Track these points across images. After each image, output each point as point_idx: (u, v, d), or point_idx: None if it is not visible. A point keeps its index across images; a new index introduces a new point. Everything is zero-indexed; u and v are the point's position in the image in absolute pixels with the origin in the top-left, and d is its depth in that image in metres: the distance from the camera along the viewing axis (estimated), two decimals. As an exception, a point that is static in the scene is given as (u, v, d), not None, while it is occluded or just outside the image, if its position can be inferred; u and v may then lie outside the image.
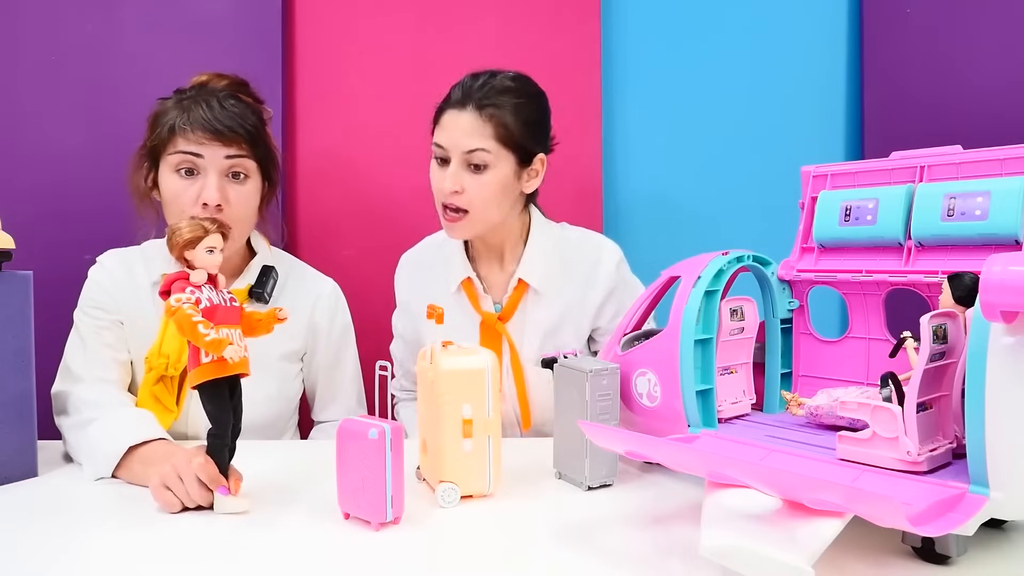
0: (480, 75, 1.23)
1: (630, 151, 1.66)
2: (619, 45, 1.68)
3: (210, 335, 0.79)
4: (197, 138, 1.13)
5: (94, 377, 1.14)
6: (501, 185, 1.21)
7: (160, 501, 0.87)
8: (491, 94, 1.20)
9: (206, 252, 0.82)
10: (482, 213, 1.22)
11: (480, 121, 1.19)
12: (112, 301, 1.19)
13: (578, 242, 1.35)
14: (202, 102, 1.15)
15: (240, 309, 0.86)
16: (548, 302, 1.30)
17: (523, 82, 1.25)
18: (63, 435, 1.09)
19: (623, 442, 0.79)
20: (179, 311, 0.79)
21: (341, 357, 1.34)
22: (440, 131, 1.22)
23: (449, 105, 1.22)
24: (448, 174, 1.20)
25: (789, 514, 0.64)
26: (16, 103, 1.52)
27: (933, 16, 1.50)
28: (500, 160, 1.20)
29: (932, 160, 0.87)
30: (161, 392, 1.15)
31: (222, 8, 1.56)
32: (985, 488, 0.64)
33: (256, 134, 1.19)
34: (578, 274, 1.31)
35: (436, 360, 0.88)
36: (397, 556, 0.75)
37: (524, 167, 1.24)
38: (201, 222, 0.83)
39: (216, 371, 0.82)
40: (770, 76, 1.66)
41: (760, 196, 1.63)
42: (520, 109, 1.21)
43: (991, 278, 0.62)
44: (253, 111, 1.21)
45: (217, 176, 1.15)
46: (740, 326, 0.96)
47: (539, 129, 1.25)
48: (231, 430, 0.86)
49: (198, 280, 0.83)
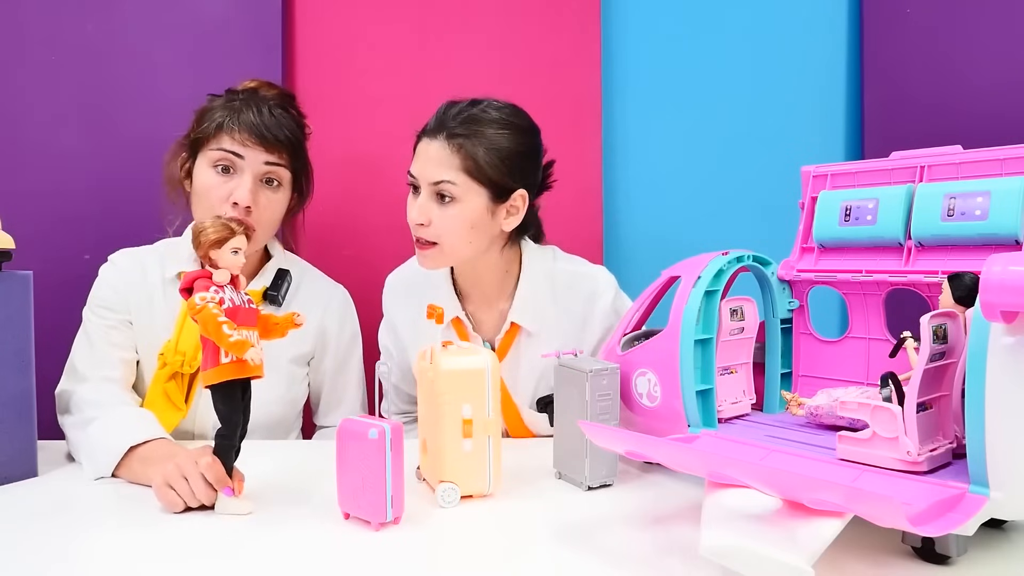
0: (458, 103, 1.17)
1: (630, 151, 1.66)
2: (619, 45, 1.68)
3: (234, 336, 0.79)
4: (242, 139, 1.16)
5: (99, 376, 1.14)
6: (469, 220, 1.15)
7: (163, 500, 0.87)
8: (465, 123, 1.13)
9: (231, 253, 0.83)
10: (451, 247, 1.17)
11: (448, 152, 1.13)
12: (122, 301, 1.19)
13: (570, 276, 1.28)
14: (253, 106, 1.18)
15: (257, 311, 0.86)
16: (543, 342, 1.24)
17: (509, 113, 1.17)
18: (66, 434, 1.10)
19: (623, 442, 0.79)
20: (204, 310, 0.79)
21: (348, 364, 1.35)
22: (415, 159, 1.18)
23: (424, 133, 1.17)
24: (416, 204, 1.16)
25: (789, 514, 0.64)
26: (16, 103, 1.52)
27: (933, 16, 1.50)
28: (469, 193, 1.14)
29: (932, 160, 0.87)
30: (172, 389, 1.15)
31: (222, 8, 1.56)
32: (985, 488, 0.64)
33: (298, 146, 1.23)
34: (573, 311, 1.26)
35: (436, 360, 0.88)
36: (397, 556, 0.75)
37: (500, 203, 1.17)
38: (228, 223, 0.84)
39: (235, 372, 0.82)
40: (770, 76, 1.66)
41: (760, 196, 1.63)
42: (496, 141, 1.14)
43: (991, 278, 0.62)
44: (298, 124, 1.24)
45: (252, 179, 1.17)
46: (740, 326, 0.96)
47: (521, 164, 1.17)
48: (240, 432, 0.86)
49: (222, 280, 0.83)
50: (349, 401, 1.36)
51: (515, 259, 1.28)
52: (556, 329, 1.26)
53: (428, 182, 1.15)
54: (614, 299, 1.27)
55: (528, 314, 1.25)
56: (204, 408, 1.19)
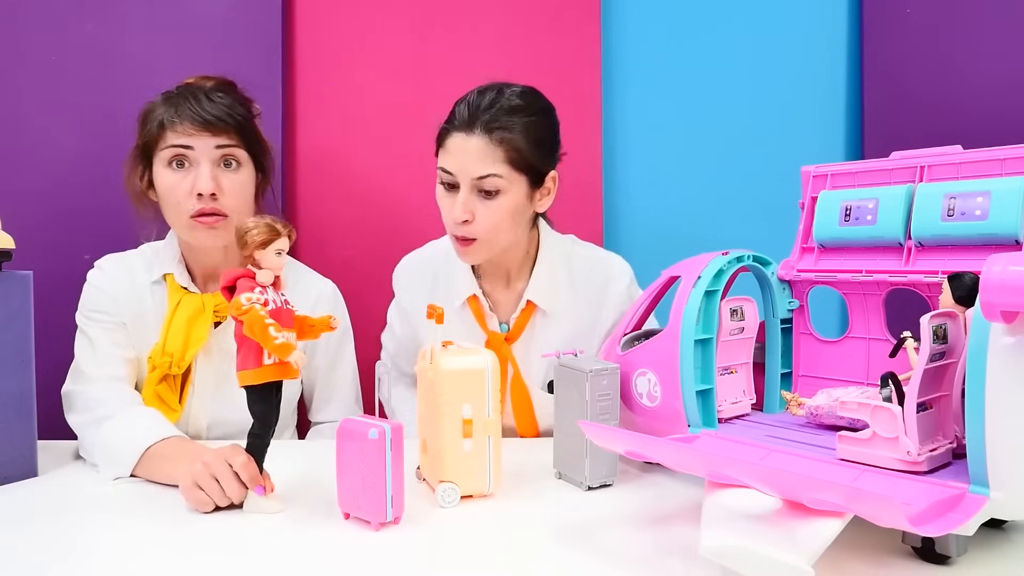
0: (486, 92, 1.15)
1: (630, 151, 1.66)
2: (619, 45, 1.68)
3: (280, 339, 0.79)
4: (186, 130, 1.14)
5: (106, 375, 1.14)
6: (512, 210, 1.16)
7: (192, 500, 0.87)
8: (500, 115, 1.12)
9: (275, 254, 0.83)
10: (493, 238, 1.17)
11: (491, 146, 1.12)
12: (113, 303, 1.19)
13: (588, 260, 1.30)
14: (190, 97, 1.16)
15: (293, 313, 0.86)
16: (557, 323, 1.26)
17: (532, 98, 1.18)
18: (77, 433, 1.10)
19: (623, 442, 0.79)
20: (251, 311, 0.79)
21: (339, 358, 1.34)
22: (446, 156, 1.15)
23: (455, 128, 1.14)
24: (459, 202, 1.14)
25: (789, 514, 0.64)
26: (16, 103, 1.52)
27: (933, 16, 1.50)
28: (513, 184, 1.14)
29: (932, 160, 0.87)
30: (164, 391, 1.16)
31: (222, 8, 1.56)
32: (985, 488, 0.64)
33: (245, 124, 1.20)
34: (589, 294, 1.27)
35: (436, 360, 0.88)
36: (397, 556, 0.75)
37: (536, 187, 1.20)
38: (272, 223, 0.83)
39: (277, 374, 0.83)
40: (770, 76, 1.66)
41: (760, 196, 1.63)
42: (531, 128, 1.14)
43: (991, 278, 0.62)
44: (241, 103, 1.22)
45: (209, 165, 1.16)
46: (740, 326, 0.96)
47: (550, 146, 1.20)
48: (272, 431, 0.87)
49: (266, 281, 0.83)
50: (342, 395, 1.35)
51: (535, 240, 1.30)
52: (571, 311, 1.27)
53: (471, 177, 1.13)
54: (628, 285, 1.29)
55: (544, 294, 1.26)
56: (197, 408, 1.20)
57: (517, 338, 1.27)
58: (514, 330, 1.27)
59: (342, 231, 1.64)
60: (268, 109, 1.56)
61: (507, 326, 1.28)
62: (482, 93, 1.15)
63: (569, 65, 1.63)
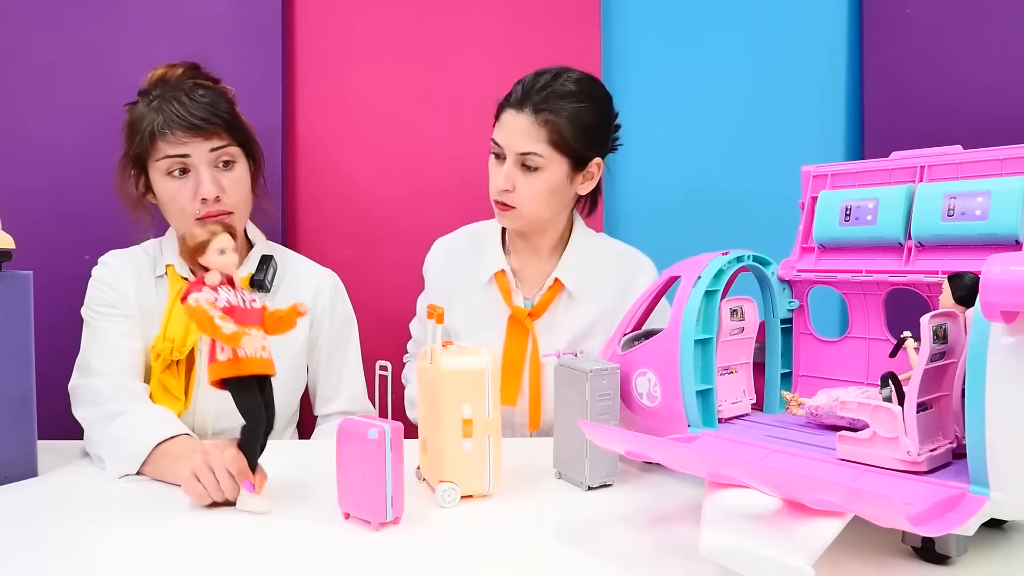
0: (543, 75, 1.23)
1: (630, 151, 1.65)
2: (619, 45, 1.68)
3: (227, 328, 0.79)
4: (179, 138, 1.15)
5: (114, 369, 1.14)
6: (551, 187, 1.23)
7: (191, 493, 0.87)
8: (550, 98, 1.20)
9: (218, 254, 0.83)
10: (530, 210, 1.25)
11: (535, 125, 1.20)
12: (121, 298, 1.19)
13: (617, 252, 1.36)
14: (172, 100, 1.16)
15: (262, 310, 0.86)
16: (581, 306, 1.31)
17: (587, 85, 1.24)
18: (85, 428, 1.10)
19: (623, 442, 0.79)
20: (196, 308, 0.80)
21: (344, 347, 1.34)
22: (499, 129, 1.24)
23: (509, 104, 1.23)
24: (502, 172, 1.23)
25: (789, 514, 0.64)
26: (16, 103, 1.52)
27: (933, 16, 1.50)
28: (552, 163, 1.22)
29: (932, 160, 0.87)
30: (169, 380, 1.15)
31: (222, 8, 1.56)
32: (985, 488, 0.64)
33: (231, 119, 1.21)
34: (616, 282, 1.32)
35: (436, 360, 0.88)
36: (397, 556, 0.75)
37: (578, 170, 1.26)
38: (207, 227, 0.84)
39: (230, 369, 0.83)
40: (770, 76, 1.66)
41: (760, 196, 1.63)
42: (579, 114, 1.21)
43: (991, 278, 0.62)
44: (220, 95, 1.22)
45: (208, 170, 1.17)
46: (740, 326, 0.96)
47: (598, 133, 1.26)
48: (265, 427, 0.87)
49: (212, 281, 0.84)
50: (349, 386, 1.34)
51: (569, 226, 1.36)
52: (597, 297, 1.31)
53: (515, 152, 1.22)
54: (654, 279, 1.29)
55: (572, 274, 1.31)
56: (203, 399, 1.19)
57: (540, 315, 1.30)
58: (538, 306, 1.30)
59: (342, 231, 1.64)
60: (268, 109, 1.56)
61: (531, 303, 1.32)
62: (539, 75, 1.24)
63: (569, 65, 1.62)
